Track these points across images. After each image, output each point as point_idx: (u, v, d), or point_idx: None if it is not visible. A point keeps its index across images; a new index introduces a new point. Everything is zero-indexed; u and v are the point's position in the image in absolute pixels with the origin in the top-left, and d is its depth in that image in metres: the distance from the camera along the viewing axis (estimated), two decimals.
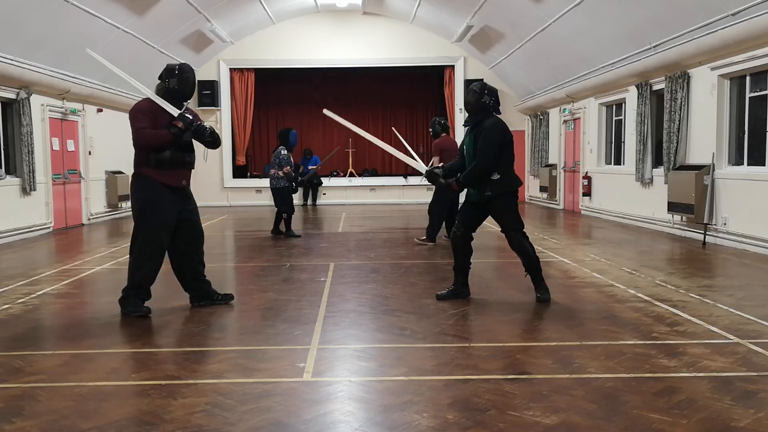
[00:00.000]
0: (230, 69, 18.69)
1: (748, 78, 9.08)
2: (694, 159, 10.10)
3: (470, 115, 5.82)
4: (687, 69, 10.14)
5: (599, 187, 13.84)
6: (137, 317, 5.30)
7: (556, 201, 16.58)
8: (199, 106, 18.35)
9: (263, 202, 18.29)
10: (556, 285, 6.32)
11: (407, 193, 18.93)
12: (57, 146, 12.61)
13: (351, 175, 19.73)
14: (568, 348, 4.40)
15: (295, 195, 11.07)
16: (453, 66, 18.82)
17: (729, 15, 8.58)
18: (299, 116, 20.88)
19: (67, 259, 8.69)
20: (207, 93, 18.29)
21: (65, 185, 12.94)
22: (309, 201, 18.80)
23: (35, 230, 11.58)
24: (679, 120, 10.30)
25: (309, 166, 16.08)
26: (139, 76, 16.24)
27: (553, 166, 16.61)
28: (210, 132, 5.49)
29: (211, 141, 5.55)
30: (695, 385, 3.65)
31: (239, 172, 19.28)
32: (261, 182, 18.95)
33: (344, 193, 19.27)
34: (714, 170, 9.44)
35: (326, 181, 19.24)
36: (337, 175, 19.97)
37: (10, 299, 6.11)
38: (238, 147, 19.02)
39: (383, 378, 3.85)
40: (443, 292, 5.93)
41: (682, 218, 10.28)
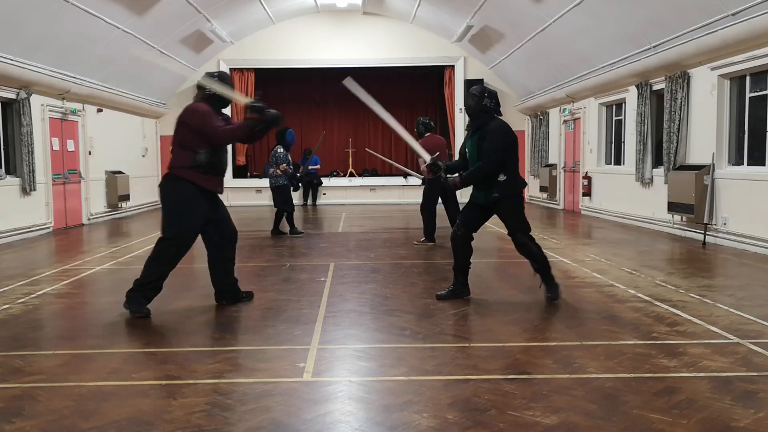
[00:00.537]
0: (230, 69, 18.67)
1: (748, 78, 9.08)
2: (694, 159, 10.10)
3: (471, 119, 5.82)
4: (687, 69, 10.14)
5: (599, 187, 13.84)
6: (137, 318, 5.30)
7: (556, 201, 16.58)
8: None
9: (263, 202, 18.29)
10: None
11: (407, 193, 18.92)
12: (57, 146, 12.61)
13: (351, 175, 19.73)
14: (568, 348, 4.40)
15: (295, 194, 11.08)
16: (453, 66, 18.82)
17: (729, 15, 8.57)
18: (299, 116, 20.88)
19: (67, 259, 8.69)
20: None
21: (65, 185, 12.93)
22: (309, 201, 18.81)
23: (35, 230, 11.58)
24: (679, 120, 10.30)
25: (309, 166, 16.09)
26: (139, 76, 16.31)
27: (553, 166, 16.61)
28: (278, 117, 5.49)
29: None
30: (695, 385, 3.65)
31: (239, 172, 19.28)
32: (261, 182, 18.93)
33: (344, 193, 19.27)
34: (714, 170, 9.44)
35: (326, 181, 19.24)
36: (337, 175, 19.96)
37: (10, 299, 6.10)
38: (238, 147, 19.00)
39: (383, 378, 3.85)
40: (443, 293, 5.93)
41: (682, 218, 10.28)
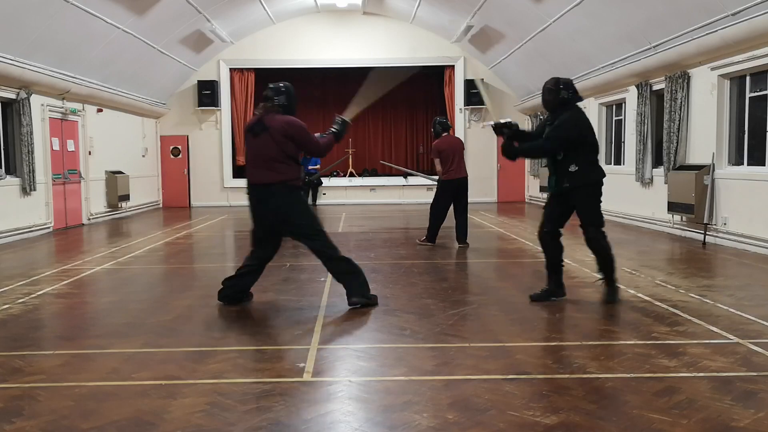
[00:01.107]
0: (230, 69, 18.68)
1: (748, 78, 9.08)
2: (694, 159, 10.10)
3: (551, 113, 5.67)
4: (687, 69, 10.14)
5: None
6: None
7: None
8: (199, 106, 18.38)
9: None
10: None
11: (407, 193, 18.93)
12: (57, 146, 12.61)
13: (351, 175, 19.72)
14: (568, 348, 4.40)
15: None
16: (453, 66, 18.81)
17: (729, 15, 8.57)
18: (299, 116, 20.46)
19: (67, 259, 8.69)
20: (207, 93, 18.28)
21: (65, 185, 12.93)
22: (309, 201, 18.80)
23: (35, 230, 11.58)
24: (679, 120, 10.30)
25: (309, 167, 16.09)
26: (139, 76, 16.33)
27: None
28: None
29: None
30: (695, 385, 3.65)
31: (239, 172, 19.25)
32: None
33: (344, 193, 19.27)
34: (714, 170, 9.44)
35: (326, 181, 19.23)
36: (337, 175, 19.96)
37: (10, 299, 6.10)
38: (238, 147, 18.99)
39: (383, 378, 3.85)
40: (537, 293, 5.79)
41: (682, 218, 10.28)
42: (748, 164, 9.12)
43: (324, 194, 19.19)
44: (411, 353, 4.33)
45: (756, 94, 8.96)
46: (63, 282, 7.00)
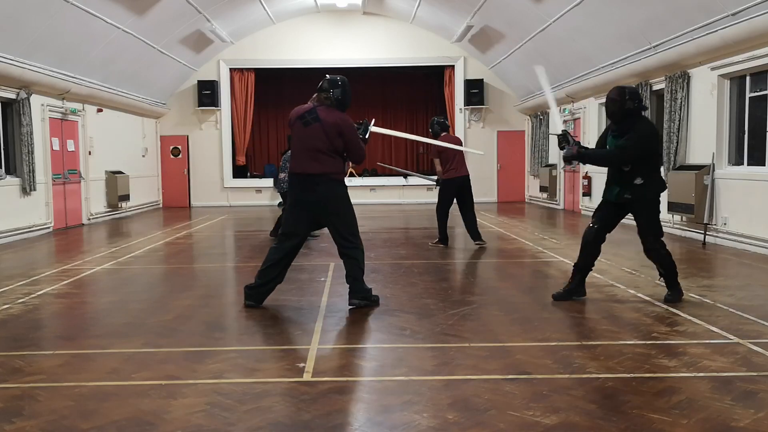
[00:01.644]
0: (230, 69, 18.68)
1: (748, 78, 9.08)
2: (694, 159, 10.10)
3: (617, 124, 5.58)
4: (687, 69, 10.14)
5: (599, 187, 13.78)
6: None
7: (556, 201, 16.58)
8: (199, 106, 18.38)
9: (263, 202, 18.30)
10: (556, 285, 6.31)
11: (407, 193, 18.92)
12: (57, 146, 12.61)
13: (351, 175, 19.71)
14: (568, 348, 4.40)
15: None
16: (453, 66, 18.82)
17: (729, 15, 8.57)
18: None
19: (67, 259, 8.69)
20: (207, 93, 18.28)
21: (65, 185, 12.93)
22: None
23: (35, 230, 11.58)
24: (679, 120, 10.30)
25: None
26: (139, 76, 16.32)
27: (553, 166, 16.60)
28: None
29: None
30: (695, 385, 3.65)
31: (239, 172, 19.27)
32: (261, 182, 18.97)
33: None
34: (714, 170, 9.44)
35: None
36: None
37: (10, 299, 6.10)
38: (238, 147, 19.01)
39: (383, 378, 3.85)
40: (559, 292, 5.80)
41: (682, 218, 10.28)
42: (748, 164, 9.11)
43: None
44: (411, 353, 4.33)
45: (756, 94, 8.96)
46: (63, 282, 7.00)
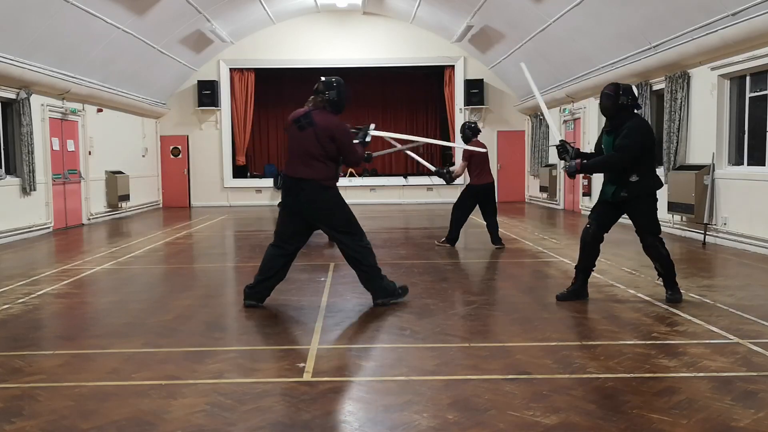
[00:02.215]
0: (230, 69, 18.68)
1: (748, 78, 9.08)
2: (694, 159, 10.10)
3: (610, 120, 5.60)
4: (687, 69, 10.14)
5: (599, 187, 13.77)
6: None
7: (556, 201, 16.58)
8: (199, 106, 18.38)
9: (263, 202, 18.30)
10: (556, 285, 6.32)
11: (407, 193, 18.93)
12: (57, 146, 12.61)
13: (351, 175, 19.72)
14: (568, 348, 4.40)
15: None
16: (453, 66, 18.82)
17: (729, 15, 8.57)
18: None
19: (67, 259, 8.69)
20: (207, 93, 18.28)
21: (65, 185, 12.93)
22: None
23: (35, 230, 11.58)
24: (679, 120, 10.30)
25: None
26: (139, 76, 16.32)
27: (553, 166, 16.59)
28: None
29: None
30: (695, 385, 3.65)
31: (239, 172, 19.27)
32: (261, 182, 18.97)
33: (344, 193, 18.83)
34: (714, 170, 9.44)
35: None
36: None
37: (10, 299, 6.10)
38: (238, 147, 19.01)
39: (383, 378, 3.85)
40: (563, 293, 5.78)
41: (682, 218, 10.28)
42: (748, 164, 9.11)
43: None
44: (411, 353, 4.33)
45: (756, 94, 8.96)
46: (63, 282, 7.00)
